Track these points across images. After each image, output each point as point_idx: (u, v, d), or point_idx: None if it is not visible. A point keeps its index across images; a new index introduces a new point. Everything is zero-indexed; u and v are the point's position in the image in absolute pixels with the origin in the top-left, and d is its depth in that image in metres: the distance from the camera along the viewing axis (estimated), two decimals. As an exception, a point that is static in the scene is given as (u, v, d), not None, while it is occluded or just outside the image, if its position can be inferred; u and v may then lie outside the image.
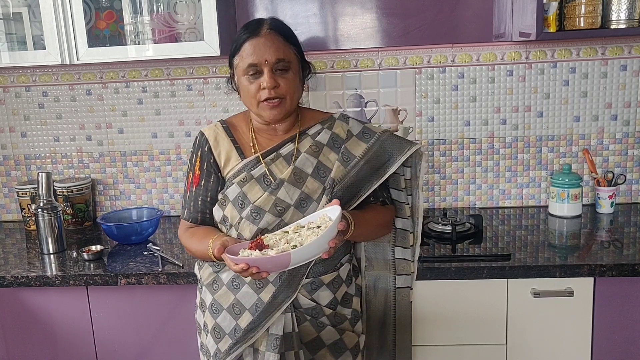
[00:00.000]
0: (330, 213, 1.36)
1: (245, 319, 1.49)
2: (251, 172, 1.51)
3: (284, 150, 1.54)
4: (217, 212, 1.54)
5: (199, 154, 1.57)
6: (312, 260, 1.34)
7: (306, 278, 1.51)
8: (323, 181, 1.51)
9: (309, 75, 1.58)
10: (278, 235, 1.37)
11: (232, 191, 1.50)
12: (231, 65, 1.54)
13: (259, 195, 1.48)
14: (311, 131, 1.57)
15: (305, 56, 1.55)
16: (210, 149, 1.56)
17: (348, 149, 1.54)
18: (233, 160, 1.54)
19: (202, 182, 1.56)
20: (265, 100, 1.46)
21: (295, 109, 1.55)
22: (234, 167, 1.54)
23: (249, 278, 1.47)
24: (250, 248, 1.32)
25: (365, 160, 1.54)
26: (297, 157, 1.52)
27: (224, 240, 1.39)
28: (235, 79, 1.53)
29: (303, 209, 1.48)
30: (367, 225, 1.51)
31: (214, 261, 1.48)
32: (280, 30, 1.49)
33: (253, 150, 1.55)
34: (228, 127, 1.60)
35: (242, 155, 1.55)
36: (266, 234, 1.40)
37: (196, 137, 1.60)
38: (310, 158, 1.51)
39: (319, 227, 1.34)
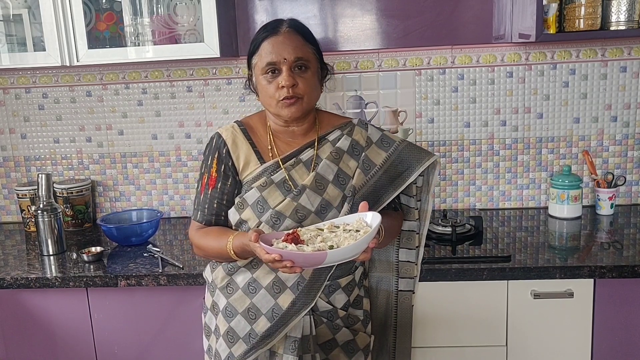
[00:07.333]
0: (367, 218, 1.34)
1: (262, 324, 1.47)
2: (271, 177, 1.48)
3: (304, 156, 1.51)
4: (233, 216, 1.51)
5: (215, 155, 1.53)
6: (335, 265, 1.31)
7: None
8: (343, 188, 1.49)
9: (327, 77, 1.56)
10: (313, 232, 1.35)
11: (251, 195, 1.48)
12: (249, 66, 1.51)
13: (280, 200, 1.46)
14: (331, 137, 1.54)
15: (324, 57, 1.53)
16: (228, 151, 1.52)
17: (369, 157, 1.53)
18: (252, 164, 1.51)
19: (219, 184, 1.52)
20: (284, 99, 1.44)
21: (312, 109, 1.53)
22: (253, 172, 1.51)
23: (267, 282, 1.47)
24: (285, 240, 1.29)
25: (384, 170, 1.53)
26: (318, 164, 1.50)
27: (258, 229, 1.36)
28: (254, 79, 1.51)
29: (323, 216, 1.46)
30: (390, 233, 1.51)
31: (229, 259, 1.46)
32: (299, 30, 1.47)
33: (271, 155, 1.52)
34: (246, 129, 1.56)
35: (261, 159, 1.52)
36: (300, 228, 1.37)
37: (212, 138, 1.56)
38: (331, 165, 1.50)
39: (357, 231, 1.32)
